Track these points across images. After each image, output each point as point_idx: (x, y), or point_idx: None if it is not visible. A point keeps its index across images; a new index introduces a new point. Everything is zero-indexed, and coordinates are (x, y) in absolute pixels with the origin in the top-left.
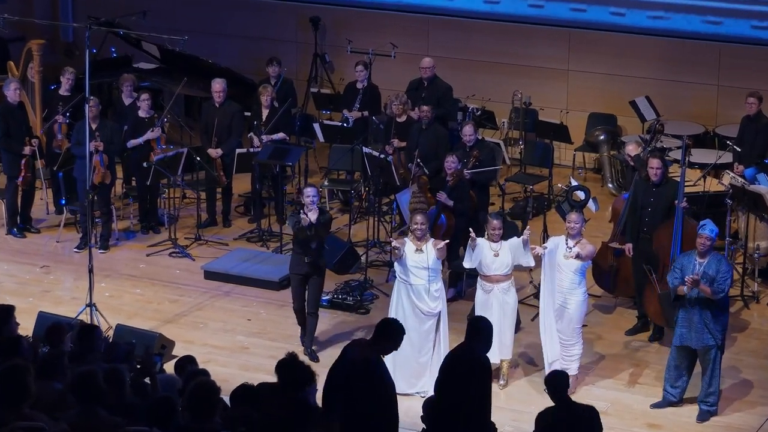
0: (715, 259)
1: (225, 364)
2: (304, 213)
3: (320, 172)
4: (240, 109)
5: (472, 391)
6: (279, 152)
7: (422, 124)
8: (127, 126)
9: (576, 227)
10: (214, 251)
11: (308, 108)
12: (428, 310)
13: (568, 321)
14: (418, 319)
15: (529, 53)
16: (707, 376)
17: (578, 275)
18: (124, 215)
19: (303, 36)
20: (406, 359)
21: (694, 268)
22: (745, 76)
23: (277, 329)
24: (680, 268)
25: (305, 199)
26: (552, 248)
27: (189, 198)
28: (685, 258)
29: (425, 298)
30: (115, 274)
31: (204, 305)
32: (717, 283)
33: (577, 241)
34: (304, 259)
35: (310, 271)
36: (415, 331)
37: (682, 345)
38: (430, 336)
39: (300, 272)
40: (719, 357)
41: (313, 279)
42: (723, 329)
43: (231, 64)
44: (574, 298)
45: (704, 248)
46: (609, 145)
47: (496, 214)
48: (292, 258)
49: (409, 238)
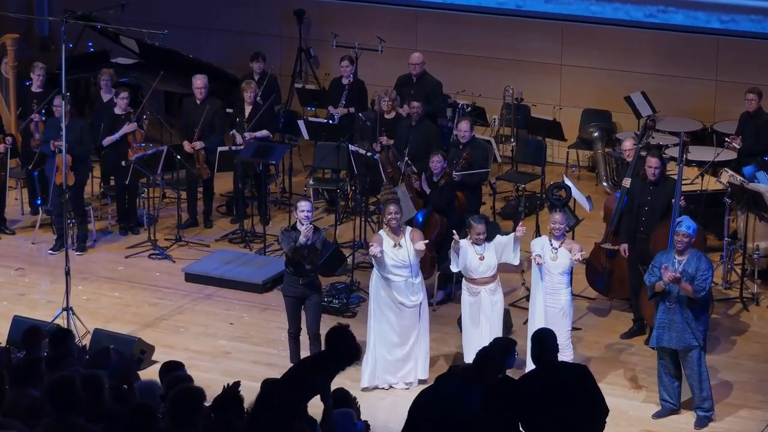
0: (694, 256)
1: (206, 369)
2: (304, 235)
3: (305, 171)
4: (222, 106)
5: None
6: (262, 150)
7: (412, 121)
8: (103, 123)
9: (561, 228)
10: (195, 253)
11: (292, 104)
12: (410, 303)
13: (558, 325)
14: (400, 312)
15: (521, 47)
16: (695, 380)
17: (566, 276)
18: (102, 216)
19: (287, 30)
20: (389, 353)
21: (672, 267)
22: (744, 71)
23: (260, 333)
24: (659, 267)
25: (299, 213)
26: (537, 250)
27: (169, 198)
28: (663, 256)
29: (406, 292)
30: (92, 276)
31: (185, 309)
32: (697, 281)
33: (561, 242)
34: (299, 281)
35: (307, 292)
36: (398, 326)
37: (660, 347)
38: (413, 328)
39: (294, 294)
40: (703, 358)
41: (309, 300)
42: (705, 329)
43: (212, 59)
44: (562, 299)
45: (682, 246)
46: (603, 143)
47: (479, 217)
48: (285, 279)
49: (385, 231)
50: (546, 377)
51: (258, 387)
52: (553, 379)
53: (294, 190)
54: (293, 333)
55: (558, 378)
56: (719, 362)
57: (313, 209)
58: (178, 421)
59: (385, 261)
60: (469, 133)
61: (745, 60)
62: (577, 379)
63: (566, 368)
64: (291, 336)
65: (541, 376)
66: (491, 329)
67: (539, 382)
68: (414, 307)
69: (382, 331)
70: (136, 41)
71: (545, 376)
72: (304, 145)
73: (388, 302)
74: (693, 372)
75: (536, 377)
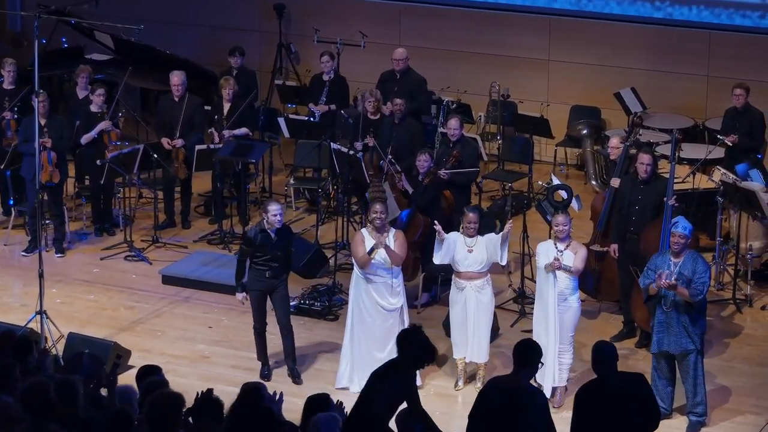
0: (690, 258)
1: (185, 374)
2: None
3: (285, 170)
4: (201, 103)
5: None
6: (241, 149)
7: (394, 119)
8: (79, 121)
9: (564, 230)
10: (173, 254)
11: (272, 101)
12: (390, 306)
13: (562, 328)
14: (381, 315)
15: (508, 42)
16: (690, 384)
17: (573, 280)
18: (77, 216)
19: (266, 24)
20: (369, 356)
21: (669, 269)
22: (737, 66)
23: (239, 337)
24: (654, 270)
25: (271, 218)
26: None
27: (146, 198)
28: (659, 258)
29: (386, 295)
30: (67, 279)
31: (162, 312)
32: (694, 284)
33: (567, 244)
34: (265, 274)
35: (273, 284)
36: (378, 329)
37: (660, 351)
38: (393, 331)
39: (260, 288)
40: (700, 362)
41: (277, 292)
42: (702, 333)
43: (190, 54)
44: (569, 304)
45: (678, 247)
46: (592, 140)
47: (473, 207)
48: (249, 273)
49: (367, 230)
50: (604, 387)
51: (237, 392)
52: (612, 388)
53: (274, 190)
54: (259, 329)
55: (617, 387)
56: (712, 365)
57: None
58: (155, 427)
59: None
60: (458, 130)
61: (738, 55)
62: (635, 388)
63: (624, 377)
64: (257, 332)
65: (599, 385)
66: (476, 329)
67: (597, 391)
68: (394, 311)
69: (361, 333)
70: (111, 37)
71: (603, 385)
72: (285, 144)
73: (368, 304)
74: (689, 376)
75: (594, 387)
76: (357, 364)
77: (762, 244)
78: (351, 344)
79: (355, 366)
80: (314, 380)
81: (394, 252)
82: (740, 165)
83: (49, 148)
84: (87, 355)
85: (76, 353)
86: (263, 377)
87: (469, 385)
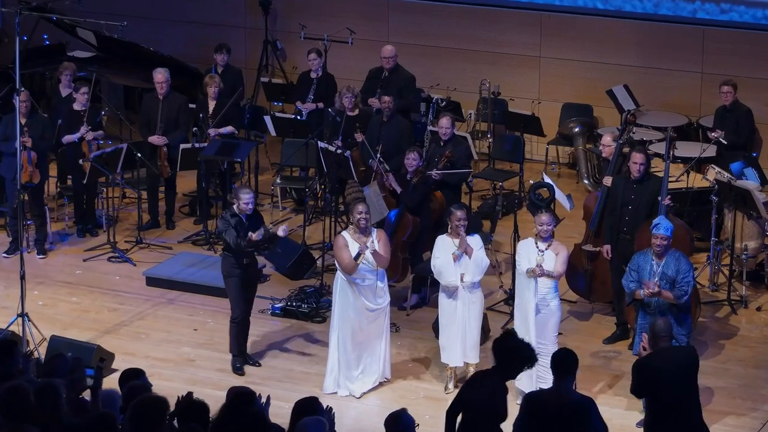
0: (673, 258)
1: (169, 378)
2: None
3: (272, 169)
4: (186, 101)
5: None
6: (227, 147)
7: (383, 117)
8: (61, 120)
9: (548, 230)
10: (157, 255)
11: (258, 99)
12: (376, 306)
13: (546, 327)
14: (366, 318)
15: (498, 39)
16: None
17: (554, 282)
18: (59, 217)
19: (252, 21)
20: (355, 359)
21: (651, 269)
22: (732, 63)
23: (225, 339)
24: (636, 269)
25: (243, 205)
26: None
27: (129, 198)
28: (641, 257)
29: (373, 297)
30: (49, 280)
31: (146, 314)
32: (678, 284)
33: (549, 244)
34: (243, 261)
35: (251, 273)
36: (364, 331)
37: None
38: (380, 331)
39: (239, 275)
40: None
41: (252, 288)
42: (688, 332)
43: (174, 51)
44: (551, 309)
45: (661, 249)
46: (584, 138)
47: (459, 204)
48: (225, 261)
49: (349, 233)
50: (661, 357)
51: (224, 396)
52: (667, 357)
53: (260, 189)
54: (239, 319)
55: (671, 356)
56: (706, 367)
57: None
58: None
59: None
60: (450, 129)
61: (733, 51)
62: (687, 356)
63: (678, 349)
64: (236, 323)
65: (658, 355)
66: (467, 331)
67: (656, 360)
68: (381, 310)
69: (347, 336)
70: (94, 33)
71: (661, 355)
72: (271, 142)
73: (354, 308)
74: None
75: (653, 357)
76: (343, 368)
77: (757, 244)
78: (336, 350)
79: (341, 370)
80: (302, 384)
81: (381, 255)
82: (735, 163)
83: (29, 148)
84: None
85: (54, 355)
86: (236, 371)
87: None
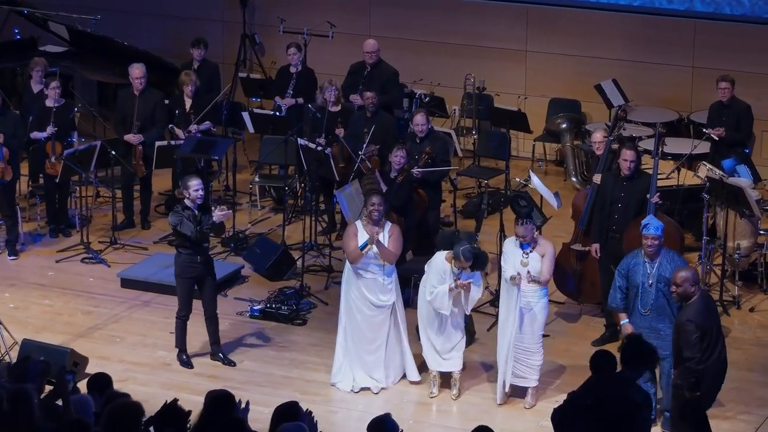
0: (666, 258)
1: (145, 382)
2: (219, 217)
3: (250, 167)
4: (162, 97)
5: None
6: (204, 145)
7: (366, 113)
8: (32, 117)
9: (526, 238)
10: (132, 256)
11: (236, 95)
12: (379, 303)
13: (530, 327)
14: (369, 311)
15: (483, 32)
16: (665, 383)
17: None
18: (31, 216)
19: (230, 14)
20: (358, 353)
21: (644, 271)
22: (723, 57)
23: (202, 342)
24: (626, 273)
25: (193, 193)
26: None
27: (103, 197)
28: (631, 259)
29: (376, 291)
30: (20, 282)
31: (121, 317)
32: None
33: (533, 246)
34: (197, 260)
35: (203, 272)
36: (366, 324)
37: None
38: (382, 329)
39: (191, 275)
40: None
41: (206, 281)
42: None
43: (150, 46)
44: (537, 303)
45: (653, 249)
46: (572, 134)
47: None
48: (179, 261)
49: (362, 223)
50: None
51: (201, 400)
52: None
53: (238, 188)
54: (185, 317)
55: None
56: None
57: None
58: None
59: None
60: (426, 125)
61: (724, 45)
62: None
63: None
64: (182, 320)
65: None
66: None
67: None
68: (384, 308)
69: (353, 329)
70: (67, 27)
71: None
72: (249, 139)
73: (357, 299)
74: (664, 375)
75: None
76: (348, 360)
77: (750, 243)
78: (344, 340)
79: (345, 362)
80: (283, 388)
81: (387, 249)
82: (727, 160)
83: (1, 144)
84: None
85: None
86: (184, 365)
87: (443, 392)
